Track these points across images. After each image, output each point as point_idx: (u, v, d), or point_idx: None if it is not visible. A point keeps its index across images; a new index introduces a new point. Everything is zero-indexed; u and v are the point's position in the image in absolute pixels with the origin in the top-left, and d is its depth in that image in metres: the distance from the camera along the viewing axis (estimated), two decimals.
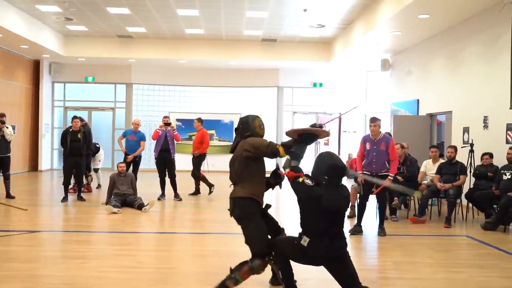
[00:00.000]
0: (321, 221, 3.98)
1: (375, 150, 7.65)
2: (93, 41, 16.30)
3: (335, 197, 4.04)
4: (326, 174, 4.03)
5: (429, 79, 12.63)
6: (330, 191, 4.01)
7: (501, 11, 9.14)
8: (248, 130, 4.64)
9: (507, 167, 8.26)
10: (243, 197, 4.43)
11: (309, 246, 3.99)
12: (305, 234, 4.04)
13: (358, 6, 12.05)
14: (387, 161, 7.64)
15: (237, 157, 4.54)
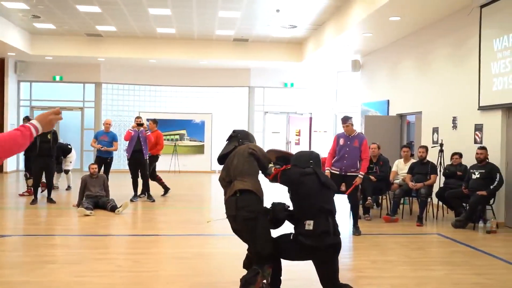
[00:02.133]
0: (319, 199, 4.10)
1: (348, 146, 7.79)
2: (61, 39, 15.98)
3: (326, 176, 4.38)
4: (310, 159, 4.34)
5: (399, 80, 12.87)
6: (320, 171, 4.31)
7: (469, 15, 9.40)
8: (248, 141, 4.72)
9: (475, 167, 8.50)
10: (247, 189, 4.20)
11: (315, 227, 3.96)
12: (306, 219, 4.02)
13: (330, 8, 12.17)
14: (358, 161, 7.75)
15: (238, 154, 4.46)
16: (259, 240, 4.18)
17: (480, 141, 9.13)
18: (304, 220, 4.01)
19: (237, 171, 4.35)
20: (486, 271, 5.75)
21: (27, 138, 2.49)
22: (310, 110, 19.28)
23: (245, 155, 4.43)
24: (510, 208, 8.53)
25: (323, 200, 4.11)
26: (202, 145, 18.40)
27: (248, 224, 4.18)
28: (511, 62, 8.24)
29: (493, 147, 8.67)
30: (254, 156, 4.43)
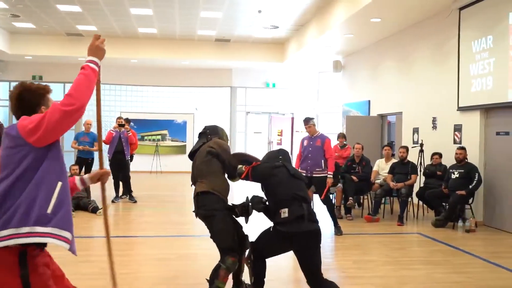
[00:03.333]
0: (291, 188, 4.19)
1: (311, 146, 7.90)
2: (41, 38, 15.80)
3: (295, 168, 4.53)
4: (279, 155, 4.57)
5: (380, 81, 13.00)
6: (290, 165, 4.47)
7: (448, 17, 9.54)
8: (217, 135, 4.80)
9: (455, 167, 8.64)
10: (204, 191, 4.43)
11: (290, 214, 4.02)
12: (281, 208, 4.08)
13: (311, 9, 12.24)
14: (323, 160, 7.78)
15: (199, 154, 4.63)
16: (217, 234, 4.41)
17: (459, 141, 9.27)
18: (279, 210, 4.09)
19: (198, 172, 4.58)
20: (465, 269, 5.85)
21: (94, 71, 2.58)
22: (292, 110, 19.36)
23: (203, 154, 4.58)
24: (488, 207, 8.69)
25: (295, 188, 4.20)
26: (184, 145, 18.33)
27: (207, 220, 4.45)
28: (489, 64, 8.39)
29: (472, 147, 8.82)
30: (212, 154, 4.51)
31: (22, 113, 2.65)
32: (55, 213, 2.43)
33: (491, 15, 8.38)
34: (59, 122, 2.39)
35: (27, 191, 2.42)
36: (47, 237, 2.41)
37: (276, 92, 19.30)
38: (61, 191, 2.49)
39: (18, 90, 2.69)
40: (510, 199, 8.18)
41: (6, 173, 2.46)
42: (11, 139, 2.52)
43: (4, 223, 2.38)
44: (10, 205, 2.41)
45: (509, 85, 7.89)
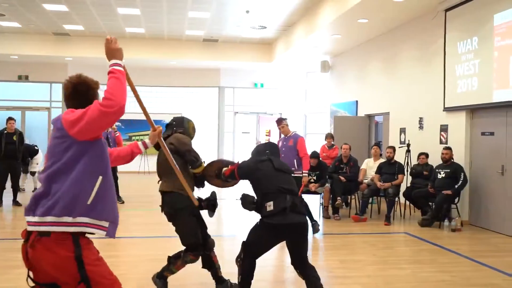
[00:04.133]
0: (276, 181, 4.23)
1: (285, 146, 7.94)
2: (27, 38, 15.65)
3: (281, 162, 4.56)
4: (266, 150, 4.61)
5: (367, 81, 13.08)
6: (276, 159, 4.52)
7: (434, 19, 9.63)
8: (182, 128, 4.82)
9: (441, 166, 8.72)
10: (167, 191, 4.55)
11: (275, 207, 4.06)
12: (267, 201, 4.13)
13: (299, 9, 12.28)
14: (296, 160, 7.78)
15: (161, 151, 4.60)
16: (180, 233, 4.57)
17: (445, 141, 9.36)
18: (265, 203, 4.14)
19: (161, 169, 4.64)
20: (451, 268, 5.91)
21: (121, 73, 2.71)
22: (280, 110, 19.38)
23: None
24: (474, 206, 8.79)
25: (280, 182, 4.23)
26: None
27: (171, 219, 4.62)
28: (474, 65, 8.48)
29: (458, 147, 8.91)
30: (171, 151, 4.44)
31: (73, 105, 2.79)
32: (95, 205, 2.62)
33: (476, 17, 8.47)
34: (98, 121, 2.54)
35: (70, 182, 2.60)
36: (85, 226, 2.62)
37: (264, 92, 19.33)
38: (102, 185, 2.65)
39: (75, 82, 2.82)
40: (495, 198, 8.28)
41: (52, 161, 2.66)
42: (56, 130, 2.68)
43: (47, 210, 2.60)
44: (54, 193, 2.61)
45: (494, 86, 7.98)
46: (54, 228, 2.57)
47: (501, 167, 8.11)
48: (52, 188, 2.62)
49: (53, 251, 2.58)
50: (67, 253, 2.58)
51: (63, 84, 2.86)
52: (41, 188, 2.69)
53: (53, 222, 2.58)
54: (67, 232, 2.61)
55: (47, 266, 2.60)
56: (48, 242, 2.58)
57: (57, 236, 2.61)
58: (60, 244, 2.58)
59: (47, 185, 2.64)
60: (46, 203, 2.61)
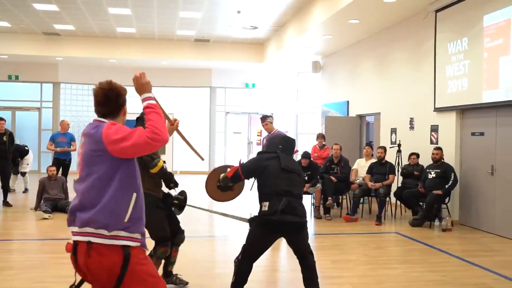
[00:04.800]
0: (278, 182, 4.17)
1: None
2: (17, 37, 15.54)
3: (290, 160, 4.44)
4: (279, 145, 4.47)
5: (358, 81, 13.12)
6: (285, 156, 4.38)
7: (424, 19, 9.69)
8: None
9: (431, 167, 8.77)
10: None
11: (269, 208, 4.08)
12: (264, 201, 4.16)
13: (290, 10, 12.30)
14: None
15: None
16: (148, 228, 4.49)
17: (436, 142, 9.42)
18: (262, 203, 4.18)
19: None
20: (441, 268, 5.95)
21: (156, 106, 2.83)
22: (272, 110, 19.37)
23: None
24: (464, 206, 8.85)
25: (281, 183, 4.17)
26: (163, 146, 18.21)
27: None
28: (464, 66, 8.54)
29: (448, 148, 8.97)
30: None
31: (103, 110, 2.87)
32: (131, 221, 2.71)
33: (467, 18, 8.53)
34: (142, 149, 2.67)
35: (107, 198, 2.67)
36: (121, 239, 2.68)
37: (256, 92, 19.34)
38: (136, 201, 2.75)
39: (106, 88, 2.88)
40: (485, 198, 8.34)
41: (87, 172, 2.73)
42: (93, 142, 2.73)
43: (85, 222, 2.68)
44: (90, 207, 2.68)
45: (484, 87, 8.04)
46: (93, 239, 2.65)
47: (490, 167, 8.17)
48: (88, 202, 2.69)
49: (106, 255, 2.66)
50: (118, 255, 2.67)
51: (93, 90, 2.91)
52: (76, 200, 2.76)
53: (91, 233, 2.66)
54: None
55: (102, 271, 2.67)
56: (99, 247, 2.66)
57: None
58: (110, 248, 2.67)
59: (83, 199, 2.72)
60: (83, 216, 2.69)
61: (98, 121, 2.84)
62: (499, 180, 8.01)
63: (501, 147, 8.00)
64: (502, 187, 7.93)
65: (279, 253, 7.20)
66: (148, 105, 2.81)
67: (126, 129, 2.70)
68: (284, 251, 7.32)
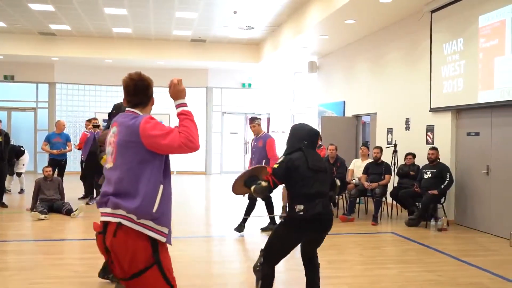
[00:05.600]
0: (309, 183, 4.02)
1: (255, 146, 7.91)
2: (13, 37, 15.50)
3: (316, 156, 4.20)
4: (304, 139, 4.20)
5: (354, 82, 13.14)
6: (311, 153, 4.16)
7: (420, 20, 9.71)
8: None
9: (427, 167, 8.80)
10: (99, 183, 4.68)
11: (305, 210, 3.94)
12: (297, 204, 4.00)
13: (287, 10, 12.31)
14: (265, 161, 7.71)
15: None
16: None
17: (431, 142, 9.45)
18: (295, 205, 4.00)
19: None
20: (437, 268, 5.97)
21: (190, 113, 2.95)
22: (268, 110, 19.43)
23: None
24: (460, 206, 8.88)
25: (313, 184, 4.02)
26: None
27: None
28: (459, 66, 8.57)
29: (444, 148, 9.00)
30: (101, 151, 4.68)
31: (133, 100, 3.00)
32: (158, 212, 2.80)
33: (462, 18, 8.56)
34: (175, 150, 2.81)
35: (138, 186, 2.78)
36: (148, 229, 2.79)
37: (252, 93, 19.34)
38: (163, 194, 2.85)
39: (136, 78, 3.00)
40: (480, 198, 8.37)
41: (121, 161, 2.85)
42: (129, 132, 2.84)
43: (116, 206, 2.80)
44: (123, 194, 2.80)
45: (479, 87, 8.07)
46: (124, 221, 2.77)
47: (486, 167, 8.20)
48: (121, 189, 2.81)
49: (132, 237, 2.77)
50: (145, 241, 2.78)
51: (123, 81, 3.01)
52: (109, 186, 2.88)
53: (123, 216, 2.78)
54: None
55: (126, 252, 2.76)
56: (128, 230, 2.77)
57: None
58: (138, 233, 2.78)
59: (116, 186, 2.84)
60: (116, 201, 2.80)
61: (133, 113, 2.96)
62: (495, 180, 8.04)
63: (496, 147, 8.03)
64: (498, 187, 7.97)
65: None
66: (182, 112, 2.94)
67: (163, 127, 2.81)
68: None
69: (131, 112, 2.96)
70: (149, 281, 2.80)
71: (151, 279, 2.79)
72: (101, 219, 2.87)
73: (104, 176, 4.08)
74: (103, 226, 2.86)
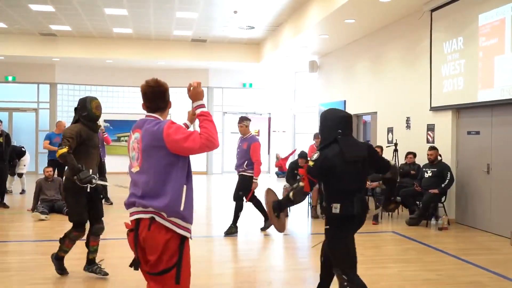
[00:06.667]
0: (346, 179, 3.79)
1: (239, 147, 7.87)
2: (14, 38, 15.53)
3: (354, 146, 3.91)
4: (338, 128, 3.88)
5: (355, 81, 13.13)
6: (347, 143, 3.86)
7: (420, 19, 9.70)
8: (85, 110, 5.17)
9: (428, 166, 8.79)
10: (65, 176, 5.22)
11: (341, 210, 3.77)
12: (334, 202, 3.81)
13: (287, 9, 12.31)
14: (247, 161, 7.66)
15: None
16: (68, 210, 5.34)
17: (432, 141, 9.43)
18: (332, 204, 3.82)
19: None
20: (437, 267, 5.96)
21: (209, 113, 3.12)
22: (269, 110, 19.43)
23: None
24: (461, 205, 8.87)
25: (350, 180, 3.81)
26: None
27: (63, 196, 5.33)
28: (460, 65, 8.56)
29: (444, 147, 8.99)
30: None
31: (152, 105, 3.18)
32: (185, 210, 3.01)
33: (462, 17, 8.55)
34: (196, 151, 2.98)
35: (166, 188, 2.97)
36: (176, 226, 3.00)
37: (253, 92, 19.34)
38: (187, 193, 3.04)
39: (153, 85, 3.18)
40: (481, 197, 8.36)
41: (147, 165, 3.03)
42: (153, 138, 3.01)
43: (147, 205, 2.99)
44: (152, 196, 2.99)
45: (479, 86, 8.06)
46: (156, 217, 2.96)
47: (486, 166, 8.19)
48: (150, 191, 3.00)
49: (163, 233, 2.97)
50: (174, 233, 3.00)
51: (141, 87, 3.19)
52: (136, 189, 3.07)
53: (154, 212, 2.97)
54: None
55: (158, 246, 2.96)
56: (160, 225, 2.97)
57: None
58: (168, 229, 2.98)
59: (145, 188, 3.02)
60: (144, 202, 2.99)
61: (154, 117, 3.13)
62: (495, 178, 8.03)
63: (496, 146, 8.02)
64: (498, 186, 7.95)
65: (273, 253, 7.22)
66: (201, 113, 3.11)
67: (184, 130, 2.99)
68: (278, 250, 7.34)
69: (153, 118, 3.13)
70: (166, 277, 2.99)
71: (168, 275, 2.99)
72: (132, 217, 3.05)
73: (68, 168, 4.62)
74: (135, 224, 3.03)
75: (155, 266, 2.99)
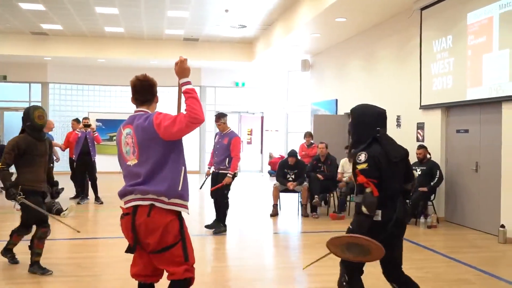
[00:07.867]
0: (391, 181, 3.46)
1: (219, 143, 7.80)
2: (4, 37, 15.46)
3: (395, 145, 3.60)
4: (378, 125, 3.57)
5: (346, 80, 13.15)
6: (388, 141, 3.56)
7: (410, 17, 9.73)
8: (29, 120, 5.24)
9: (417, 164, 8.81)
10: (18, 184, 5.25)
11: (383, 217, 3.43)
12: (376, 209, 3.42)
13: (278, 8, 12.31)
14: (227, 159, 7.63)
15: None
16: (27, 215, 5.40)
17: (422, 139, 9.46)
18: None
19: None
20: (425, 265, 5.98)
21: (194, 90, 3.33)
22: (262, 109, 19.43)
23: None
24: (450, 203, 8.90)
25: (395, 181, 3.50)
26: None
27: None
28: (449, 63, 8.59)
29: (434, 145, 9.02)
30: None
31: (140, 97, 3.42)
32: (183, 189, 3.24)
33: (451, 16, 8.58)
34: (185, 131, 3.14)
35: (165, 173, 3.17)
36: (177, 206, 3.22)
37: (246, 91, 19.34)
38: (184, 174, 3.27)
39: (142, 79, 3.42)
40: (469, 195, 8.40)
41: (146, 157, 3.20)
42: (147, 132, 3.19)
43: (146, 192, 3.16)
44: (152, 184, 3.16)
45: (468, 84, 8.09)
46: (156, 203, 3.14)
47: (475, 164, 8.23)
48: (151, 178, 3.17)
49: (164, 216, 3.16)
50: (173, 216, 3.21)
51: (131, 81, 3.41)
52: (135, 179, 3.21)
53: (153, 199, 3.15)
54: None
55: (158, 228, 3.14)
56: (160, 210, 3.16)
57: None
58: (168, 211, 3.19)
59: (146, 177, 3.17)
60: (146, 188, 3.15)
61: (143, 111, 3.34)
62: (484, 177, 8.06)
63: (485, 144, 8.06)
64: (487, 184, 7.99)
65: (262, 252, 7.22)
66: (186, 90, 3.28)
67: (170, 116, 3.18)
68: (268, 249, 7.34)
69: (142, 112, 3.33)
70: (174, 255, 3.22)
71: (175, 253, 3.21)
72: (129, 204, 3.20)
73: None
74: (132, 210, 3.18)
75: (154, 246, 3.18)
